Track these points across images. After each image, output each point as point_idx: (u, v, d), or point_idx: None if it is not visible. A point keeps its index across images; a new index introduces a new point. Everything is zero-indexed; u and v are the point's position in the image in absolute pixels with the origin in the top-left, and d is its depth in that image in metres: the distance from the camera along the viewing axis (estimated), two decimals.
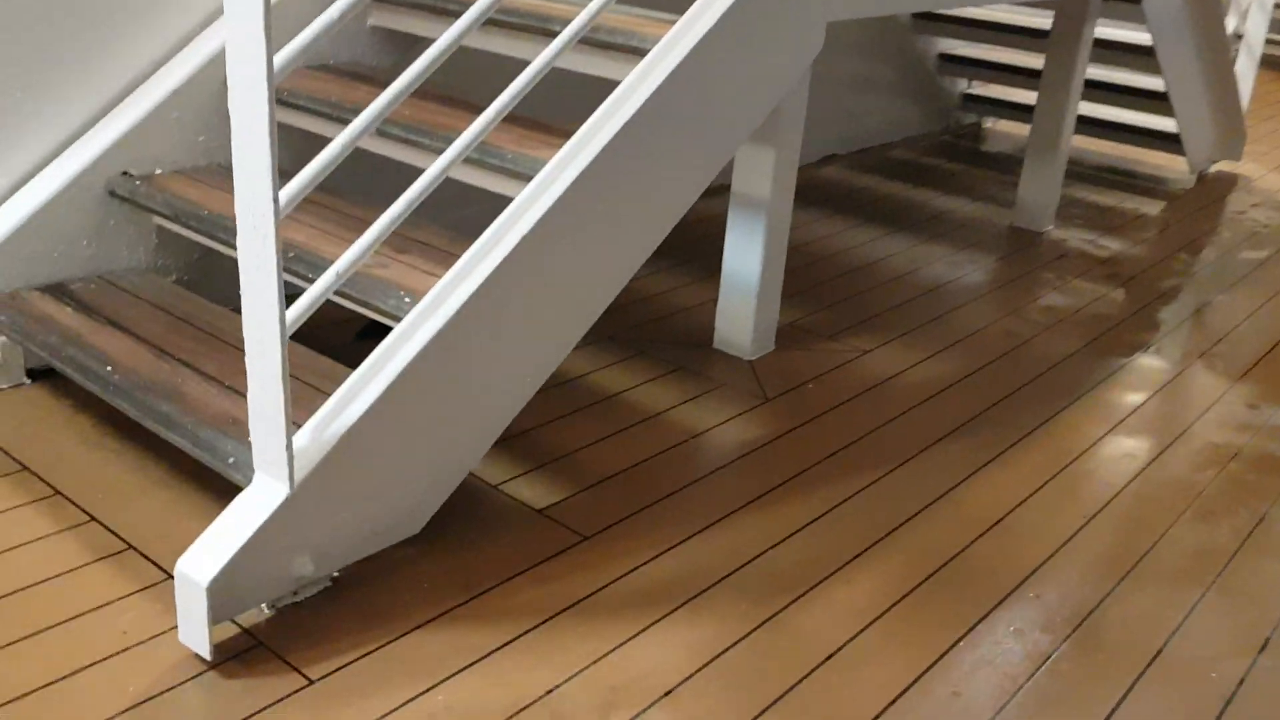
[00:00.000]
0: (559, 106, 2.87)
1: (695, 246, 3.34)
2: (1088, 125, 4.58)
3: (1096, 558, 1.95)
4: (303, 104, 2.28)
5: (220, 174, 2.35)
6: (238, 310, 2.44)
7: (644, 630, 1.69)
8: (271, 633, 1.61)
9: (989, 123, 5.15)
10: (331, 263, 1.80)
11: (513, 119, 2.18)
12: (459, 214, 2.96)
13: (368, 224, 2.13)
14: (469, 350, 1.76)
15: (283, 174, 2.32)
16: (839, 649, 1.68)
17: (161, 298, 2.19)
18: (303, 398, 1.81)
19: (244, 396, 1.84)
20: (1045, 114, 3.63)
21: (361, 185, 2.75)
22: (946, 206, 3.94)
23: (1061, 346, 2.83)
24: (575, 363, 2.53)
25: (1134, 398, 2.57)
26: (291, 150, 2.52)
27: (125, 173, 2.27)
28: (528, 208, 1.81)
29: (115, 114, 2.28)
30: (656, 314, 2.82)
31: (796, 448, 2.24)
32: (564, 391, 2.39)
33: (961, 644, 1.71)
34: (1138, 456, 2.30)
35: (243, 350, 1.97)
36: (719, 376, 2.52)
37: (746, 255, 2.56)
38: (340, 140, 1.57)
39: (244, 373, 1.91)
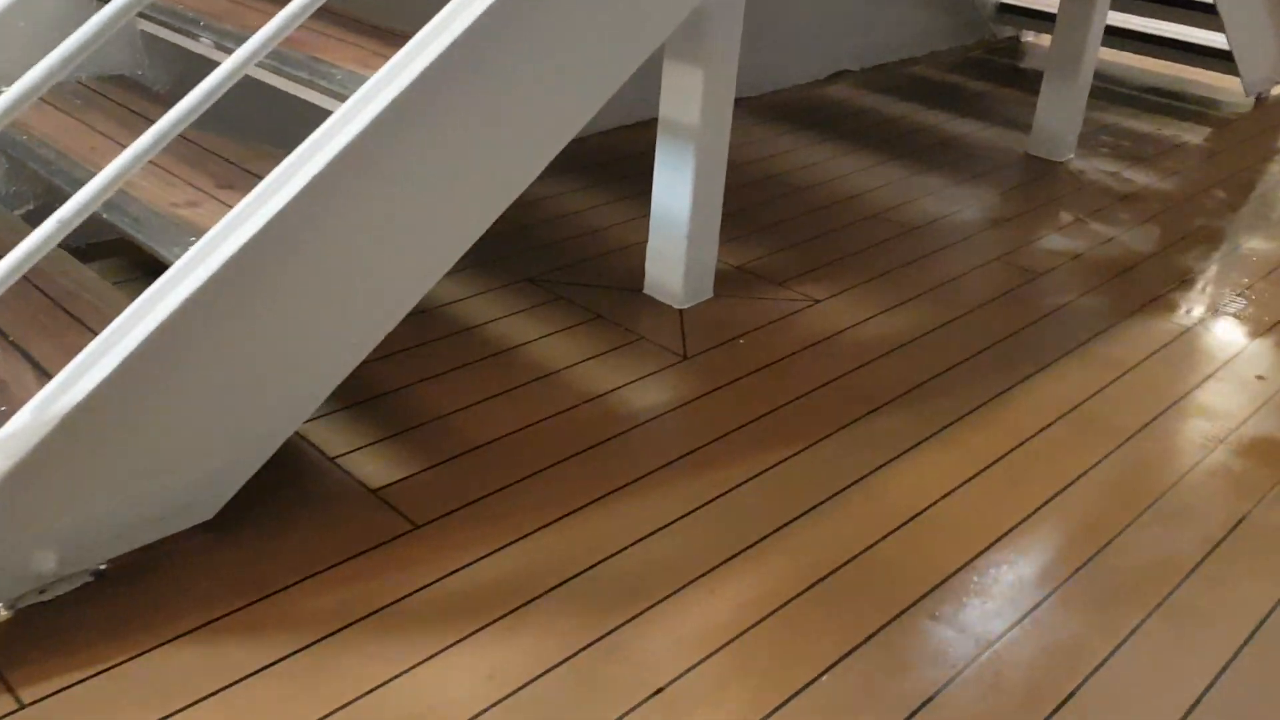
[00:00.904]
0: None
1: (646, 176, 3.01)
2: (1131, 40, 4.11)
3: (1024, 568, 1.65)
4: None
5: (79, 95, 2.09)
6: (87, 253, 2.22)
7: (447, 648, 1.43)
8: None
9: (1028, 36, 4.68)
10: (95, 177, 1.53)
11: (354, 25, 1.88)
12: None
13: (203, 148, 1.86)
14: (263, 297, 1.49)
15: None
16: (670, 683, 1.40)
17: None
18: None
19: (25, 356, 1.60)
20: (1067, 22, 3.20)
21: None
22: (959, 131, 3.55)
23: (1052, 298, 2.48)
24: (474, 308, 2.25)
25: (1121, 362, 2.23)
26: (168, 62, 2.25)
27: None
28: (347, 121, 1.52)
29: None
30: (589, 253, 2.53)
31: (700, 418, 1.95)
32: (451, 343, 2.12)
33: (825, 679, 1.43)
34: (1105, 437, 1.97)
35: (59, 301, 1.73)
36: (640, 327, 2.23)
37: (675, 192, 2.24)
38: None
39: (40, 330, 1.67)
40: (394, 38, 1.85)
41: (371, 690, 1.36)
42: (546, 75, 1.70)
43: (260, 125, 2.14)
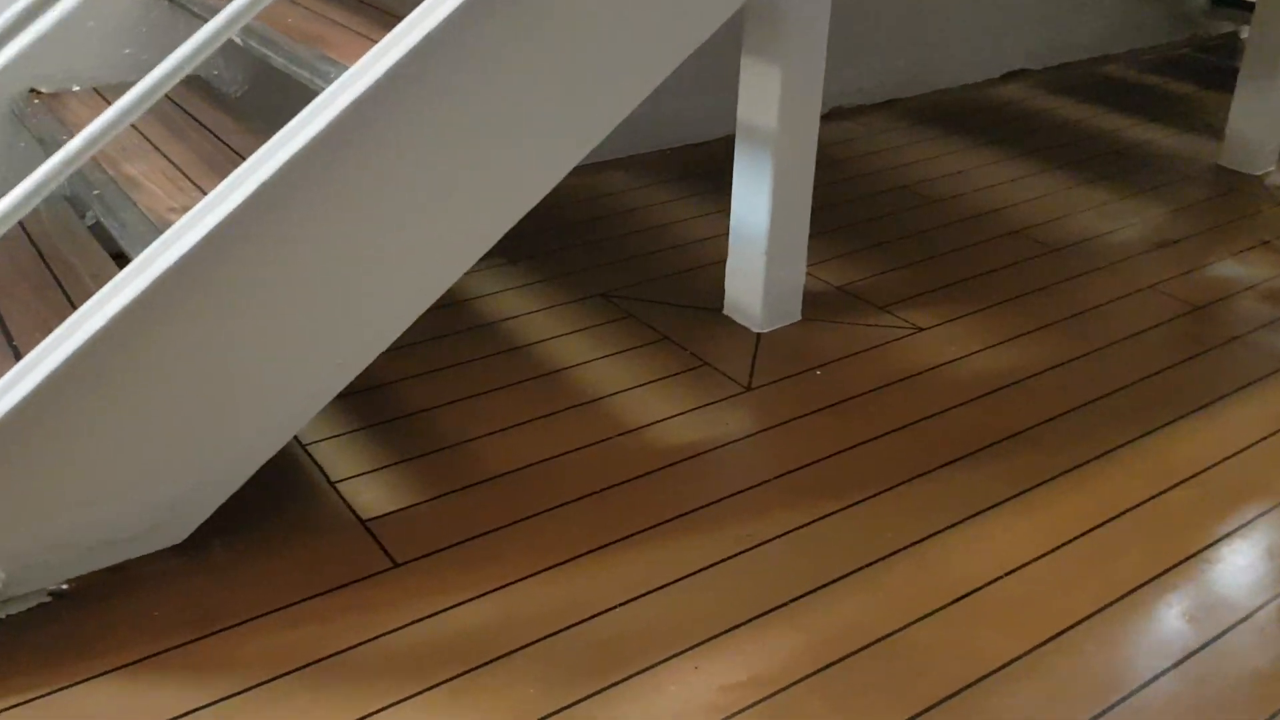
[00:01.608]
0: None
1: None
2: None
3: (1089, 668, 1.36)
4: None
5: None
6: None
7: (388, 707, 1.29)
8: None
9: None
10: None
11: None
12: None
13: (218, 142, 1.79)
14: (221, 310, 1.39)
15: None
16: None
17: (47, 238, 1.96)
18: None
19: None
20: (1268, 11, 2.78)
21: None
22: (1141, 138, 3.15)
23: (1208, 336, 2.12)
24: (535, 324, 2.11)
25: (1263, 426, 1.87)
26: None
27: (33, 90, 2.04)
28: (327, 105, 1.40)
29: (19, 21, 2.04)
30: (676, 268, 2.34)
31: (746, 460, 1.74)
32: (499, 361, 1.99)
33: None
34: (1238, 508, 1.64)
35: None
36: (707, 353, 2.03)
37: (753, 205, 2.03)
38: None
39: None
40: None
41: None
42: (566, 71, 1.54)
43: None
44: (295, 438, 1.75)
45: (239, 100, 2.20)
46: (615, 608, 1.44)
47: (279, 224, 1.38)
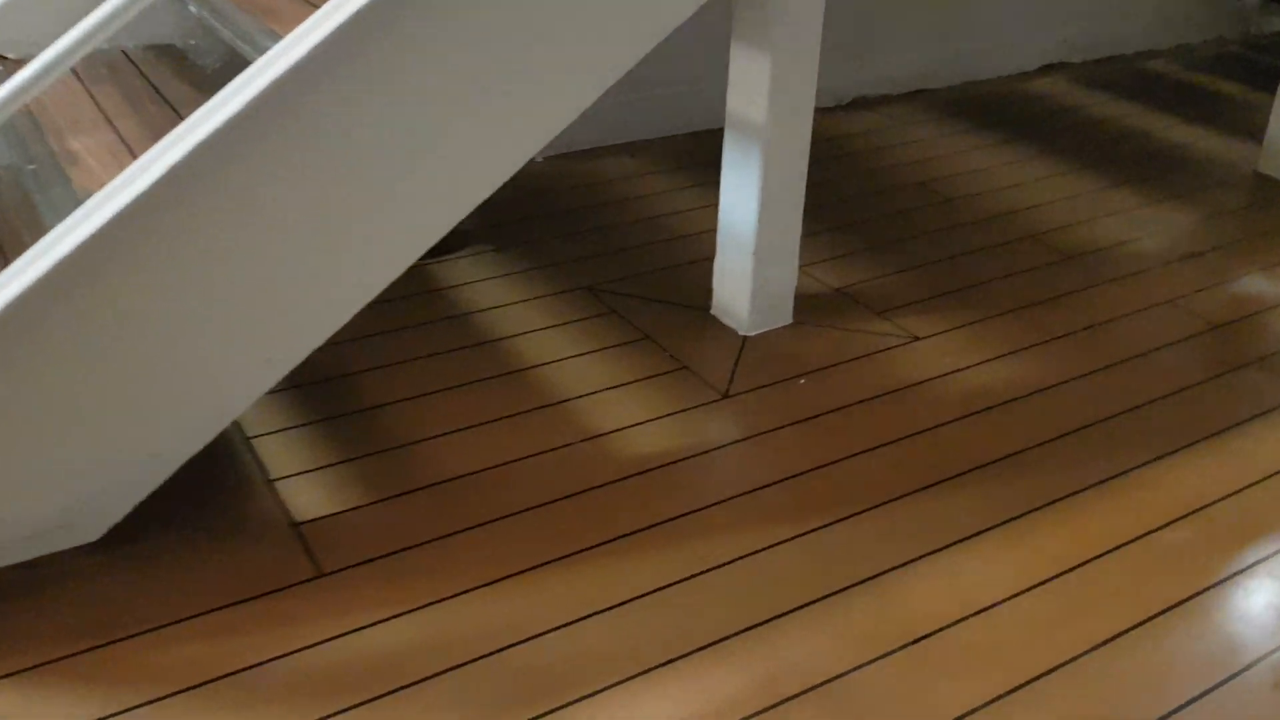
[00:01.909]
0: None
1: None
2: None
3: None
4: None
5: (109, 64, 2.00)
6: None
7: None
8: None
9: None
10: None
11: None
12: None
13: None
14: (147, 282, 1.31)
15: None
16: None
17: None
18: None
19: None
20: None
21: None
22: (1179, 139, 2.99)
23: (1224, 358, 1.98)
24: (513, 317, 2.01)
25: (1277, 460, 1.74)
26: None
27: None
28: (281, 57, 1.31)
29: None
30: (671, 262, 2.24)
31: (711, 474, 1.64)
32: (469, 356, 1.90)
33: None
34: (1239, 551, 1.52)
35: None
36: (688, 355, 1.93)
37: (741, 200, 1.92)
38: None
39: None
40: None
41: None
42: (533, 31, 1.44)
43: None
44: (239, 430, 1.67)
45: (215, 73, 2.12)
46: (549, 632, 1.35)
47: (193, 203, 1.29)
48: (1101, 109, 3.19)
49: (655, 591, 1.42)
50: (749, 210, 1.90)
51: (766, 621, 1.38)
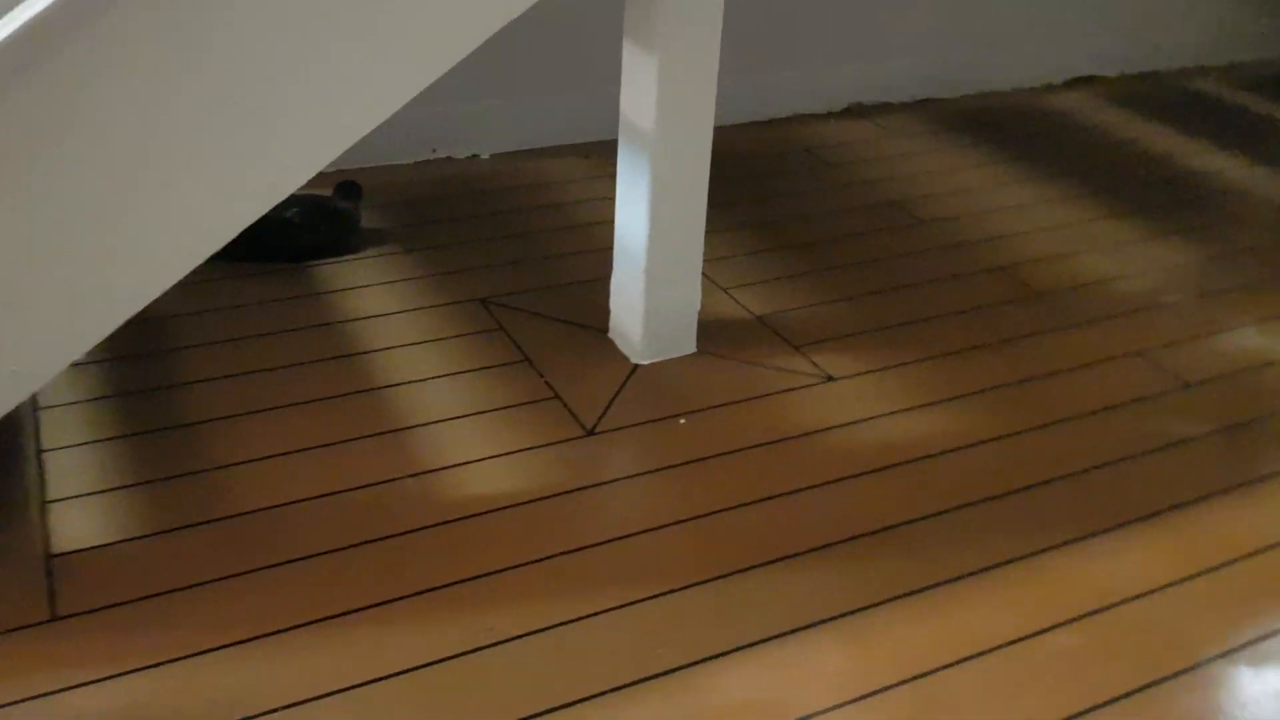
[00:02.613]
0: None
1: (733, 187, 2.46)
2: None
3: None
4: None
5: None
6: None
7: None
8: None
9: None
10: None
11: None
12: None
13: None
14: None
15: None
16: None
17: None
18: None
19: None
20: None
21: None
22: (1206, 167, 2.69)
23: (1186, 424, 1.72)
24: (383, 329, 1.82)
25: (1229, 546, 1.47)
26: None
27: None
28: None
29: None
30: (584, 275, 2.04)
31: (538, 526, 1.44)
32: (313, 372, 1.72)
33: None
34: (1135, 665, 1.27)
35: None
36: (564, 382, 1.73)
37: (633, 214, 1.71)
38: None
39: None
40: None
41: None
42: None
43: None
44: (35, 441, 1.53)
45: None
46: (278, 710, 1.17)
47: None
48: (1126, 129, 2.90)
49: (422, 668, 1.23)
50: (639, 225, 1.69)
51: (537, 716, 1.18)
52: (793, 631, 1.30)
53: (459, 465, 1.54)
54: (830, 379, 1.78)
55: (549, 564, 1.38)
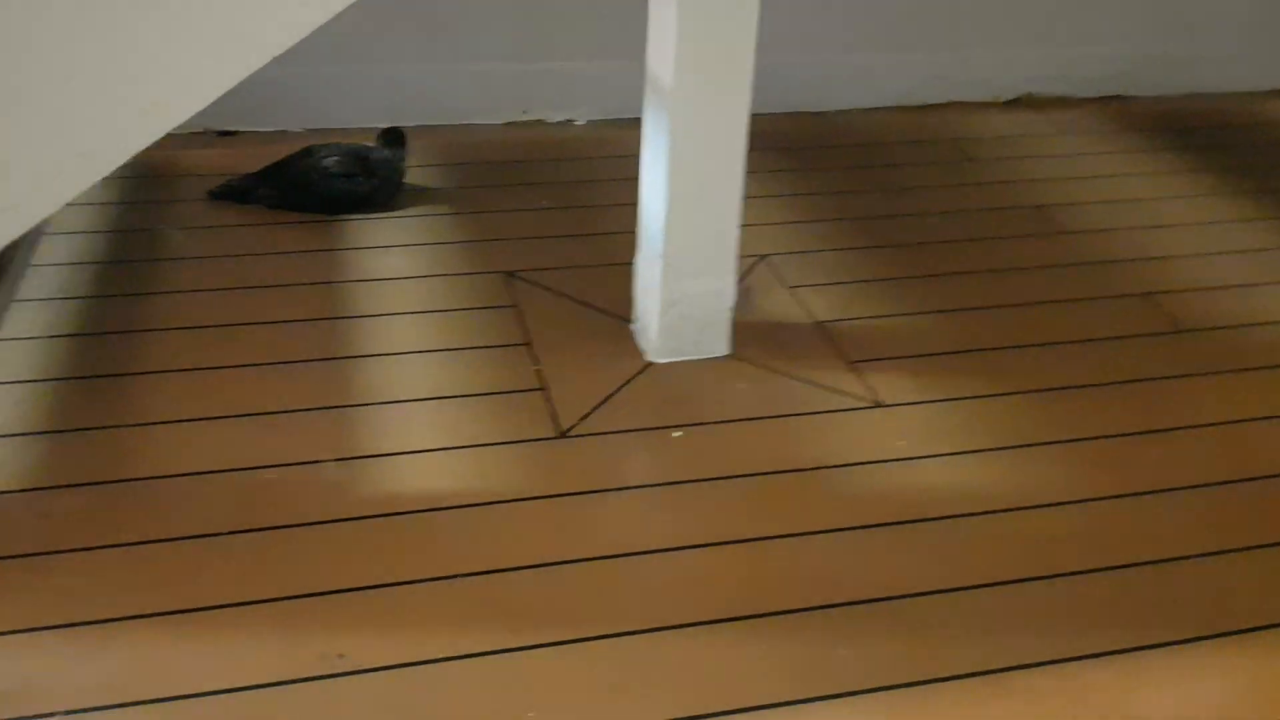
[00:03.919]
0: None
1: (806, 173, 2.14)
2: None
3: None
4: None
5: None
6: None
7: None
8: None
9: None
10: None
11: None
12: None
13: None
14: None
15: None
16: None
17: None
18: None
19: None
20: None
21: None
22: None
23: None
24: (387, 295, 1.63)
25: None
26: None
27: None
28: None
29: None
30: (624, 257, 1.79)
31: (456, 538, 1.20)
32: (292, 332, 1.54)
33: None
34: None
35: None
36: (561, 375, 1.48)
37: (654, 188, 1.45)
38: None
39: None
40: None
41: None
42: None
43: None
44: None
45: None
46: (60, 714, 0.99)
47: None
48: None
49: (245, 690, 1.02)
50: (658, 201, 1.43)
51: None
52: (727, 714, 1.02)
53: (395, 454, 1.33)
54: (878, 405, 1.46)
55: (447, 585, 1.15)
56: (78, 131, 1.05)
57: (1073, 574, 1.21)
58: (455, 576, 1.16)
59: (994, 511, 1.29)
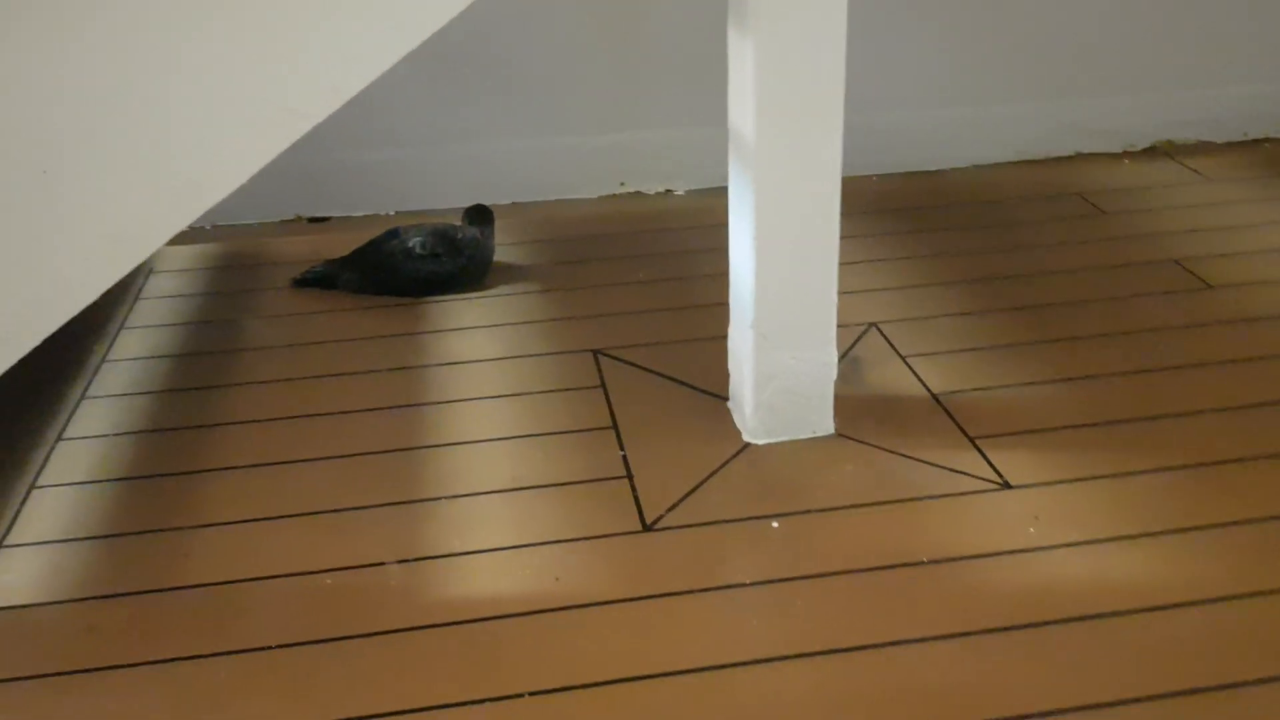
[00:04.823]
0: None
1: (914, 237, 1.98)
2: None
3: None
4: None
5: None
6: None
7: None
8: None
9: None
10: None
11: None
12: None
13: None
14: None
15: None
16: None
17: None
18: None
19: None
20: None
21: None
22: None
23: None
24: (468, 378, 1.54)
25: None
26: None
27: None
28: None
29: None
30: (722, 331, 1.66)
31: (505, 651, 1.08)
32: (369, 422, 1.45)
33: None
34: None
35: None
36: (651, 460, 1.36)
37: (741, 250, 1.33)
38: None
39: None
40: None
41: None
42: None
43: None
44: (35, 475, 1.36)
45: None
46: None
47: None
48: None
49: None
50: (746, 265, 1.31)
51: None
52: None
53: (465, 553, 1.21)
54: (1007, 486, 1.30)
55: (516, 705, 1.02)
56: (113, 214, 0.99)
57: (1249, 683, 1.02)
58: (525, 695, 1.03)
59: (1145, 610, 1.11)
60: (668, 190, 2.22)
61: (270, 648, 1.09)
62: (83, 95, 0.95)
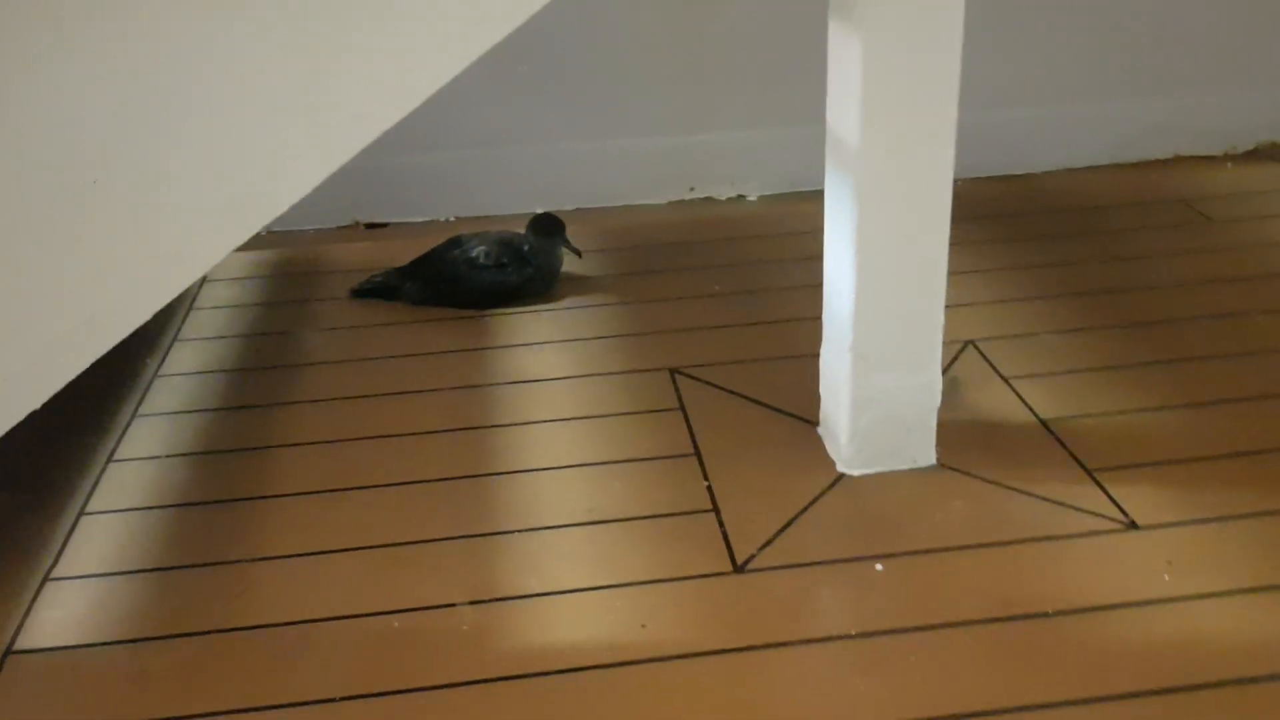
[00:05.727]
0: None
1: (1016, 245, 1.86)
2: None
3: None
4: None
5: None
6: None
7: None
8: None
9: None
10: None
11: None
12: None
13: None
14: None
15: None
16: None
17: None
18: None
19: None
20: None
21: None
22: None
23: None
24: (537, 398, 1.45)
25: None
26: None
27: None
28: None
29: None
30: (809, 349, 1.55)
31: (588, 709, 0.98)
32: (433, 445, 1.36)
33: None
34: None
35: None
36: (736, 493, 1.25)
37: (839, 267, 1.22)
38: None
39: None
40: None
41: None
42: None
43: None
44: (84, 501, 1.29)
45: None
46: None
47: None
48: None
49: None
50: (845, 282, 1.20)
51: None
52: None
53: (540, 595, 1.12)
54: (1134, 526, 1.18)
55: None
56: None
57: None
58: None
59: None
60: (739, 196, 2.12)
61: (334, 699, 1.00)
62: (138, 103, 0.86)
